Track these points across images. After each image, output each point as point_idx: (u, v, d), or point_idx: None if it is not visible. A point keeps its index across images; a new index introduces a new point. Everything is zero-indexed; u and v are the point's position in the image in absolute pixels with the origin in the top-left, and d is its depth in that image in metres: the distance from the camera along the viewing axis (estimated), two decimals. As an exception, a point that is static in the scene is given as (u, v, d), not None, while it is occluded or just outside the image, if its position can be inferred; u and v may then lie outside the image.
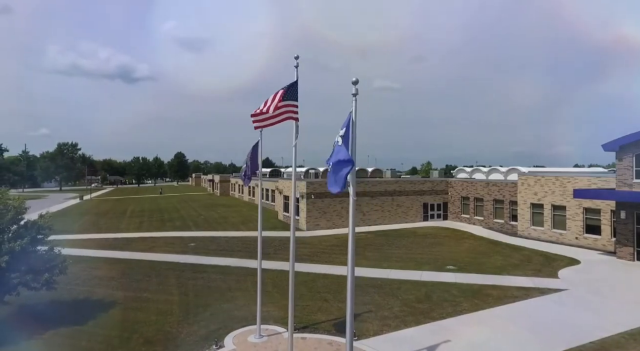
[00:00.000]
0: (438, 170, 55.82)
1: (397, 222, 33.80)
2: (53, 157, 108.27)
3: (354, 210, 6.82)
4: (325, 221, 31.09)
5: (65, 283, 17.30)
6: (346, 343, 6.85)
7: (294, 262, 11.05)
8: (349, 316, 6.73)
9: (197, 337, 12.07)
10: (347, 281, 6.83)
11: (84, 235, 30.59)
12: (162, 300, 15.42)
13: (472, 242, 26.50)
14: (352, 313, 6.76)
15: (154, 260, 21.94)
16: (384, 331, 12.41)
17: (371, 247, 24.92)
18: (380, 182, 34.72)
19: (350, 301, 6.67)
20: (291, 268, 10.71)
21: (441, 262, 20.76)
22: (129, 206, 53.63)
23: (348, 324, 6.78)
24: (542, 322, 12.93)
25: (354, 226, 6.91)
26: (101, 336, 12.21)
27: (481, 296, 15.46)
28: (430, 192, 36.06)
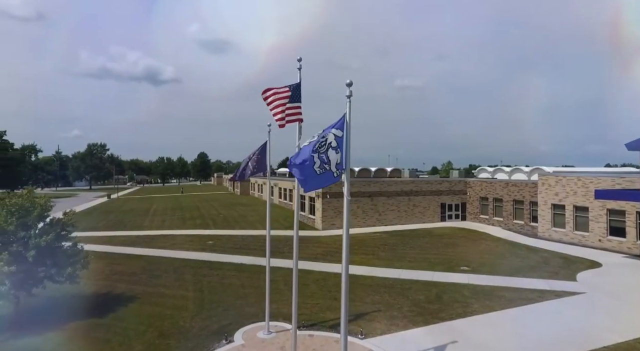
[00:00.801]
0: (458, 170, 54.90)
1: (414, 222, 33.56)
2: (83, 157, 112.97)
3: (348, 209, 6.99)
4: (341, 220, 31.14)
5: (89, 278, 18.20)
6: (340, 340, 7.03)
7: (297, 260, 11.32)
8: (343, 314, 6.91)
9: (209, 332, 12.51)
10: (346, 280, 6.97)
11: (110, 232, 31.90)
12: (177, 296, 16.00)
13: (489, 243, 26.05)
14: (346, 311, 6.93)
15: (173, 257, 22.69)
16: (391, 331, 12.49)
17: (385, 246, 24.91)
18: (397, 182, 34.55)
19: (344, 299, 6.84)
20: (295, 266, 10.97)
21: (455, 263, 20.55)
22: (153, 205, 55.36)
23: (342, 322, 6.95)
24: (555, 325, 12.68)
25: (348, 225, 7.08)
26: (119, 328, 12.83)
27: (493, 298, 15.27)
28: (448, 192, 35.59)
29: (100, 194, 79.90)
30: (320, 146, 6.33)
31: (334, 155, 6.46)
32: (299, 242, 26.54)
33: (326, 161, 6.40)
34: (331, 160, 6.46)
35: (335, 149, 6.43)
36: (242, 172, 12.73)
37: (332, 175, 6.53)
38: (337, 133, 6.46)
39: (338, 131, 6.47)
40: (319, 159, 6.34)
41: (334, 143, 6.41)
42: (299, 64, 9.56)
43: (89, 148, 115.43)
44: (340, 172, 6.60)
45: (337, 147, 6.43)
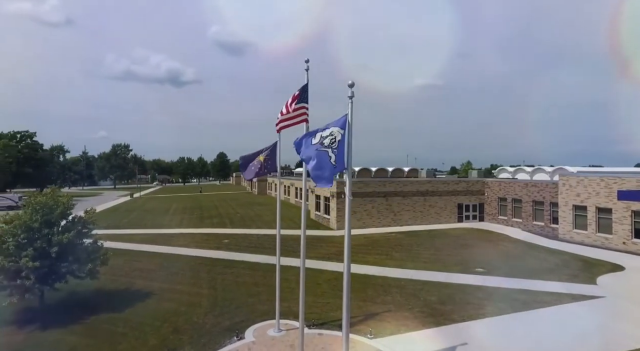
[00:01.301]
0: (477, 170, 53.90)
1: (430, 223, 33.21)
2: (108, 157, 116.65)
3: (349, 209, 7.07)
4: (356, 220, 31.18)
5: (109, 274, 18.88)
6: (342, 338, 7.12)
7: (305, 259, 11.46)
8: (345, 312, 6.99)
9: (221, 328, 12.80)
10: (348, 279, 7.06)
11: (131, 230, 32.88)
12: (192, 293, 16.40)
13: (507, 245, 25.53)
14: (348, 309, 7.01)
15: (189, 255, 23.24)
16: (401, 331, 12.47)
17: (399, 247, 24.78)
18: (412, 182, 34.25)
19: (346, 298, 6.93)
20: (302, 265, 11.11)
21: (469, 264, 20.27)
22: (173, 204, 56.67)
23: (344, 320, 7.04)
24: (570, 330, 12.39)
25: (350, 225, 7.15)
26: (135, 323, 13.28)
27: (507, 300, 15.01)
28: (465, 192, 35.04)
29: (124, 193, 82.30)
30: (332, 143, 6.47)
31: (332, 155, 6.58)
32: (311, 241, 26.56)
33: (338, 155, 6.55)
34: (330, 158, 6.58)
35: (334, 149, 6.54)
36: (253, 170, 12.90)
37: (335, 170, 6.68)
38: (341, 131, 6.58)
39: (341, 130, 6.59)
40: (333, 154, 6.50)
41: (340, 141, 6.54)
42: (307, 65, 9.70)
43: (113, 148, 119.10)
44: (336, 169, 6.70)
45: (337, 147, 6.54)
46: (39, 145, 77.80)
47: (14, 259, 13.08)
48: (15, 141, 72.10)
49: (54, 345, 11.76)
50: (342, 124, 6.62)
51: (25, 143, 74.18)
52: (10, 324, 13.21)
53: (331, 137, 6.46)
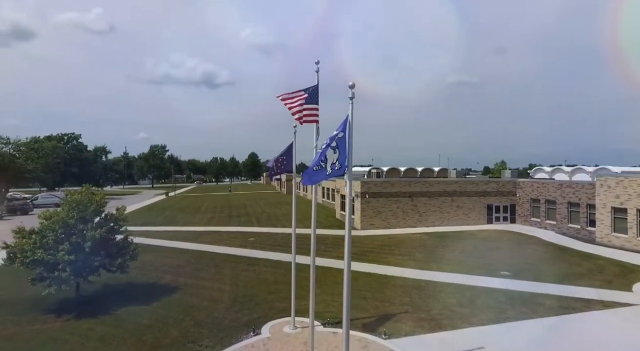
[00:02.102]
0: (511, 170, 51.90)
1: (457, 224, 32.43)
2: (146, 157, 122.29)
3: (349, 208, 7.17)
4: (380, 221, 31.04)
5: (140, 269, 19.91)
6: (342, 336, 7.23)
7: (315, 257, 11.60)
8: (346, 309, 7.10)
9: (239, 324, 13.22)
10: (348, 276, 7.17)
11: (164, 227, 34.36)
12: (215, 288, 17.00)
13: (537, 248, 24.53)
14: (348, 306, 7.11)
15: (216, 252, 24.03)
16: (416, 333, 12.39)
17: (423, 248, 24.42)
18: (439, 182, 33.58)
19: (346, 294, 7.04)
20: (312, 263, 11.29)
21: (495, 267, 19.68)
22: (205, 202, 58.56)
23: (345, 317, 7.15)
24: (595, 337, 11.83)
25: (350, 224, 7.25)
26: (160, 316, 13.97)
27: (531, 305, 14.50)
28: (496, 193, 33.91)
29: (160, 192, 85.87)
30: (326, 147, 6.60)
31: (332, 155, 6.69)
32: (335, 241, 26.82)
33: (323, 160, 6.65)
34: (328, 159, 6.69)
35: (334, 149, 6.64)
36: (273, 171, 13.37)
37: (324, 173, 6.77)
38: (339, 134, 6.68)
39: (340, 133, 6.69)
40: (318, 158, 6.62)
41: (333, 143, 6.64)
42: (317, 67, 9.86)
43: (151, 149, 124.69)
44: (334, 171, 6.79)
45: (336, 148, 6.64)
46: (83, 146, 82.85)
47: (52, 253, 14.10)
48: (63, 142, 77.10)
49: (86, 333, 12.59)
50: (342, 127, 6.73)
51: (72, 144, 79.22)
52: (49, 312, 14.26)
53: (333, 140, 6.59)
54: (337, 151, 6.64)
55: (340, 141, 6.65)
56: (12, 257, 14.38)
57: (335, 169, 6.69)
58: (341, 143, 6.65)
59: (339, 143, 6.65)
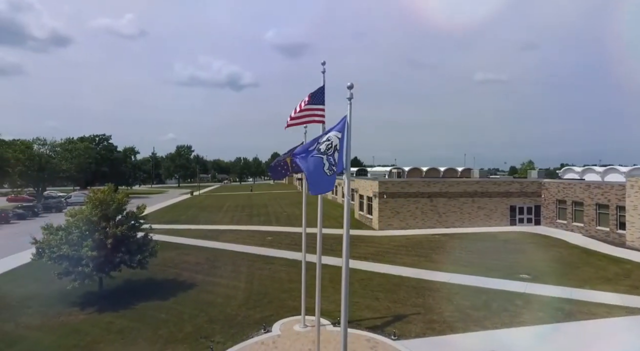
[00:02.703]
0: (538, 170, 50.18)
1: (478, 225, 31.69)
2: (173, 157, 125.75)
3: (348, 209, 7.22)
4: (399, 221, 30.74)
5: (161, 265, 20.61)
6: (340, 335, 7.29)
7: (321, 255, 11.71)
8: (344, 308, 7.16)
9: (251, 321, 13.48)
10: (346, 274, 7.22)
11: (186, 225, 35.31)
12: (230, 286, 17.38)
13: (562, 251, 23.67)
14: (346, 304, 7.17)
15: (234, 250, 24.52)
16: (426, 335, 12.28)
17: (441, 249, 24.05)
18: (459, 182, 32.90)
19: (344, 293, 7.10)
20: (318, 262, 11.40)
21: (514, 270, 19.16)
22: (227, 202, 59.68)
23: (343, 316, 7.22)
24: (615, 344, 11.35)
25: (349, 224, 7.29)
26: (176, 311, 14.43)
27: (549, 309, 14.05)
28: (519, 194, 32.90)
29: (185, 191, 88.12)
30: (328, 148, 6.63)
31: (336, 157, 6.72)
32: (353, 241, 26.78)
33: (333, 163, 6.70)
34: (336, 162, 6.73)
35: (338, 151, 6.68)
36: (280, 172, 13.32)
37: (335, 177, 6.82)
38: (338, 135, 6.72)
39: (339, 133, 6.73)
40: (327, 161, 6.66)
41: (338, 146, 6.69)
42: (323, 68, 9.94)
43: (177, 149, 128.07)
44: (336, 172, 6.83)
45: (338, 150, 6.68)
46: (113, 147, 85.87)
47: (77, 248, 14.82)
48: (94, 143, 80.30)
49: (106, 326, 13.18)
50: (340, 127, 6.77)
51: (103, 145, 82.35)
52: (75, 306, 15.00)
53: (327, 142, 6.61)
54: (337, 153, 6.68)
55: (340, 142, 6.69)
56: (40, 252, 15.23)
57: (341, 170, 6.75)
58: (340, 144, 6.69)
59: (340, 144, 6.69)
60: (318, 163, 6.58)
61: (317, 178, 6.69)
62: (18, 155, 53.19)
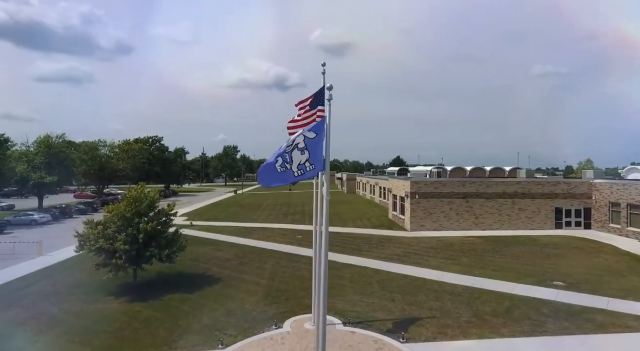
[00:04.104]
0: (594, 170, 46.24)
1: (519, 229, 29.92)
2: (220, 157, 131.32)
3: (327, 209, 7.29)
4: (432, 222, 29.87)
5: (193, 260, 21.79)
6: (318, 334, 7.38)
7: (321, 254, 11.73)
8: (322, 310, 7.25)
9: (266, 317, 13.89)
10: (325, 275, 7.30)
11: (225, 223, 36.84)
12: (253, 282, 17.98)
13: (609, 258, 21.76)
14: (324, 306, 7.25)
15: (263, 248, 25.25)
16: (437, 339, 11.98)
17: (472, 252, 23.08)
18: (498, 183, 31.22)
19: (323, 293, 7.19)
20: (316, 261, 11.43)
21: (549, 277, 17.97)
22: (267, 200, 61.30)
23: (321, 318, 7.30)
24: (647, 362, 10.35)
25: (328, 223, 7.36)
26: (199, 304, 15.23)
27: (578, 320, 13.08)
28: (566, 196, 30.61)
29: (231, 190, 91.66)
30: (287, 147, 6.79)
31: (299, 156, 6.82)
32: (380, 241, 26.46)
33: (289, 161, 6.82)
34: (294, 160, 6.84)
35: (302, 150, 6.78)
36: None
37: (292, 175, 6.92)
38: (308, 135, 6.81)
39: (310, 133, 6.82)
40: (282, 158, 6.81)
41: (301, 144, 6.79)
42: (323, 69, 10.03)
43: (224, 150, 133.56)
44: (306, 172, 6.93)
45: (305, 148, 6.78)
46: (165, 148, 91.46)
47: (112, 242, 16.14)
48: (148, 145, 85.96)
49: (134, 315, 14.24)
50: (316, 128, 6.86)
51: (155, 146, 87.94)
52: (110, 295, 16.34)
53: (292, 144, 6.74)
54: (307, 152, 6.78)
55: (311, 142, 6.78)
56: (82, 244, 16.75)
57: (307, 170, 6.84)
58: (311, 144, 6.78)
59: (309, 144, 6.79)
60: (272, 161, 6.76)
61: (265, 174, 6.87)
62: (83, 156, 58.40)
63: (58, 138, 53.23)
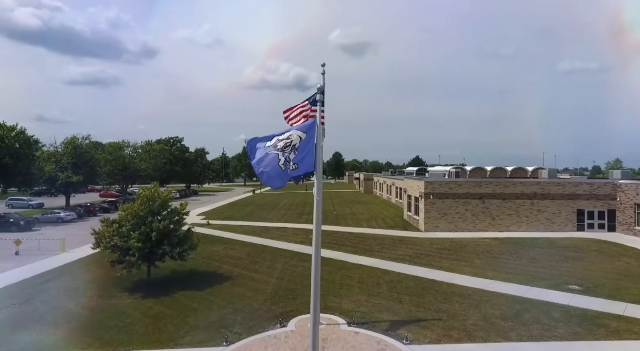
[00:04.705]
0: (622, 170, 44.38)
1: (538, 231, 29.05)
2: (240, 157, 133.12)
3: (319, 210, 7.33)
4: (447, 223, 29.39)
5: (206, 259, 22.23)
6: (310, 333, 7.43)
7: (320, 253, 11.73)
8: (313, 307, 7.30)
9: (272, 315, 14.05)
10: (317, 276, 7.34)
11: (240, 222, 37.36)
12: (263, 281, 18.19)
13: (631, 262, 20.86)
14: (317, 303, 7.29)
15: (276, 247, 25.48)
16: (441, 342, 11.82)
17: (486, 254, 22.59)
18: (515, 183, 30.37)
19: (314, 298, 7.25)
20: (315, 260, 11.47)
21: (565, 280, 17.41)
22: (283, 200, 61.71)
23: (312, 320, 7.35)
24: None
25: (320, 224, 7.41)
26: (208, 301, 15.54)
27: (591, 326, 12.63)
28: (589, 197, 29.50)
29: (249, 190, 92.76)
30: (286, 146, 6.85)
31: (292, 157, 6.89)
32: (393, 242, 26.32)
33: (289, 160, 6.89)
34: (291, 161, 6.92)
35: (294, 151, 6.85)
36: None
37: (287, 174, 6.99)
38: (301, 136, 6.87)
39: (302, 133, 6.88)
40: (283, 157, 6.88)
41: (298, 145, 6.85)
42: (323, 70, 10.07)
43: (244, 150, 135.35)
44: (289, 173, 6.97)
45: (297, 149, 6.84)
46: (186, 148, 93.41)
47: (126, 240, 16.66)
48: (169, 145, 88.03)
49: (145, 311, 14.67)
50: (306, 128, 6.90)
51: (176, 147, 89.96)
52: (125, 291, 16.88)
53: (287, 141, 6.78)
54: (296, 153, 6.83)
55: (303, 143, 6.84)
56: (98, 241, 17.37)
57: (291, 170, 6.90)
58: (302, 145, 6.84)
59: (301, 144, 6.84)
60: (274, 159, 6.81)
61: (271, 172, 6.93)
62: (107, 156, 60.44)
63: (84, 140, 55.28)
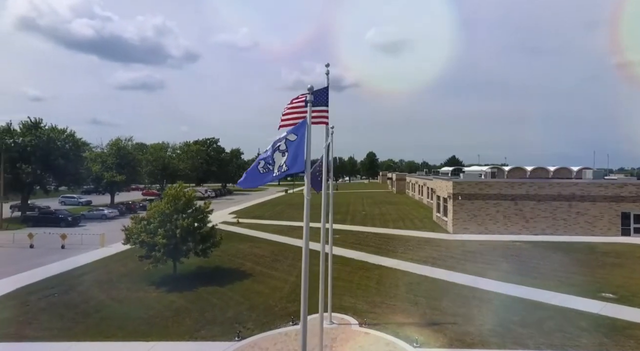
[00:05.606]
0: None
1: (576, 234, 27.34)
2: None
3: (308, 210, 7.41)
4: (476, 225, 28.39)
5: (231, 256, 22.92)
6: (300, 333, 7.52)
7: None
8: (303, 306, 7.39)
9: (286, 313, 14.28)
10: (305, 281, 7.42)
11: (269, 221, 38.10)
12: (281, 279, 18.49)
13: (678, 269, 19.17)
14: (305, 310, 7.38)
15: (298, 246, 25.69)
16: (452, 346, 11.52)
17: (515, 258, 21.61)
18: (552, 184, 28.73)
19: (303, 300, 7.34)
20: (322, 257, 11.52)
21: (598, 287, 16.33)
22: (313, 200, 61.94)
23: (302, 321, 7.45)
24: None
25: (308, 224, 7.48)
26: (227, 297, 16.04)
27: (620, 336, 11.80)
28: (635, 199, 27.37)
29: (282, 189, 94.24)
30: (274, 150, 6.99)
31: (280, 158, 6.99)
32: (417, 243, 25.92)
33: (271, 163, 7.01)
34: (275, 162, 7.02)
35: (282, 152, 6.94)
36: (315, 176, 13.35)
37: (271, 175, 7.10)
38: (289, 137, 6.97)
39: (291, 135, 6.98)
40: (263, 160, 7.03)
41: (282, 146, 6.95)
42: (327, 69, 10.14)
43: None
44: (280, 172, 7.06)
45: (285, 150, 6.93)
46: (221, 149, 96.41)
47: (152, 236, 17.55)
48: (206, 146, 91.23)
49: (167, 304, 15.38)
50: (296, 129, 6.99)
51: (212, 147, 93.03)
52: (152, 284, 17.76)
53: (278, 143, 6.91)
54: (286, 154, 6.93)
55: (291, 144, 6.93)
56: (128, 237, 18.41)
57: (282, 170, 7.00)
58: (291, 145, 6.93)
59: (288, 145, 6.94)
60: (256, 163, 6.98)
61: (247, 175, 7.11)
62: (148, 156, 63.71)
63: (127, 141, 58.57)
